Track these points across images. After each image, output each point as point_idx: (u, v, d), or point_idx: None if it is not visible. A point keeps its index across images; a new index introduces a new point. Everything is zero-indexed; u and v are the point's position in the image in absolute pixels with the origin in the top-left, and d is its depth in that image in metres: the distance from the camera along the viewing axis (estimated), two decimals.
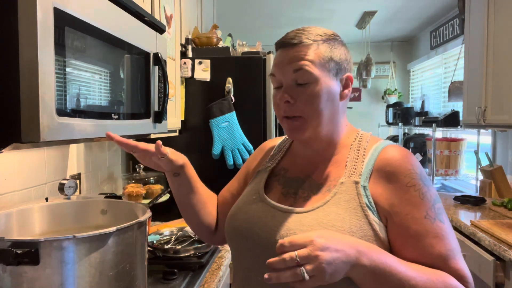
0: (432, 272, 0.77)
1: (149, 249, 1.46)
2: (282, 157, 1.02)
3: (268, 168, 0.99)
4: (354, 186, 0.84)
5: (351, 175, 0.86)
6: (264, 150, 1.08)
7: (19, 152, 1.33)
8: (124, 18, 1.11)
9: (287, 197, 0.91)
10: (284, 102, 0.87)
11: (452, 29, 4.03)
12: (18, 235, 1.06)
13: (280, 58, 0.89)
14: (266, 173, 0.99)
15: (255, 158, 1.09)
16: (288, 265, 0.68)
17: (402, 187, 0.82)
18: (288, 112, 0.87)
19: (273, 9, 3.98)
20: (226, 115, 2.19)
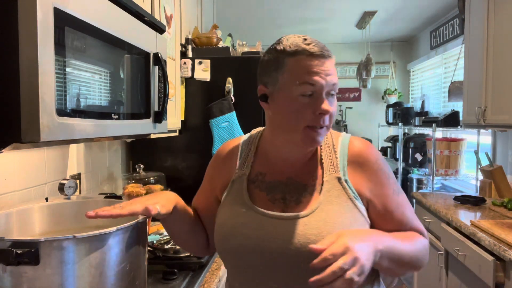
0: (409, 235, 0.92)
1: (149, 249, 1.46)
2: (253, 161, 0.99)
3: (244, 176, 0.96)
4: (338, 182, 0.91)
5: (331, 172, 0.92)
6: (223, 157, 1.03)
7: (19, 152, 1.33)
8: (124, 18, 1.11)
9: (275, 203, 0.92)
10: (324, 113, 0.86)
11: (452, 29, 4.03)
12: (18, 235, 1.06)
13: (320, 68, 0.86)
14: (243, 181, 0.96)
15: (216, 167, 1.04)
16: (338, 275, 0.71)
17: (374, 173, 0.93)
18: (326, 122, 0.88)
19: (273, 9, 3.98)
20: (226, 115, 2.19)
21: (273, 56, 0.90)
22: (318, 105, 0.86)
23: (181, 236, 1.05)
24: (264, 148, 0.99)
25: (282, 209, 0.90)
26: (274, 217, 0.89)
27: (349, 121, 5.67)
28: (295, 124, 0.87)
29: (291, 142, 0.91)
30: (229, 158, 1.02)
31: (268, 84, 0.91)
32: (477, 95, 2.74)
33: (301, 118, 0.87)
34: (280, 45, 0.90)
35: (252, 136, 1.04)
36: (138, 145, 2.30)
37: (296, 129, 0.88)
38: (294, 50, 0.87)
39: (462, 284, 2.21)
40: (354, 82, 5.49)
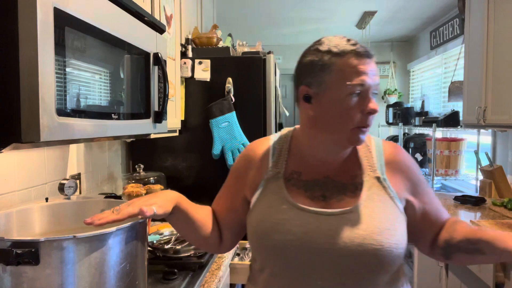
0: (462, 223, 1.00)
1: (149, 249, 1.46)
2: (287, 160, 0.99)
3: (279, 174, 0.97)
4: (377, 181, 0.94)
5: (369, 171, 0.95)
6: (254, 157, 1.03)
7: (19, 152, 1.33)
8: (124, 18, 1.11)
9: (315, 200, 0.92)
10: (373, 112, 0.88)
11: (452, 29, 4.03)
12: (18, 235, 1.06)
13: (367, 68, 0.88)
14: (279, 179, 0.96)
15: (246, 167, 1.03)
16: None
17: (412, 173, 0.99)
18: (370, 121, 0.90)
19: (273, 9, 3.98)
20: (226, 115, 2.19)
21: (317, 57, 0.90)
22: (366, 105, 0.88)
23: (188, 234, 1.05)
24: (298, 147, 1.00)
25: (322, 207, 0.91)
26: (319, 213, 0.89)
27: None
28: (343, 124, 0.89)
29: (335, 142, 0.92)
30: (260, 157, 1.02)
31: (313, 84, 0.90)
32: (477, 95, 2.74)
33: (349, 119, 0.88)
34: (324, 46, 0.90)
35: (283, 136, 1.04)
36: (138, 145, 2.30)
37: (344, 129, 0.89)
38: (342, 51, 0.88)
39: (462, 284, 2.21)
40: None
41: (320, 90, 0.89)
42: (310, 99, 0.92)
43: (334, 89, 0.88)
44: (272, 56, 2.24)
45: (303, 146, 0.99)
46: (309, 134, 0.97)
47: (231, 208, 1.05)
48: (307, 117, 0.95)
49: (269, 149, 1.02)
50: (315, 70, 0.90)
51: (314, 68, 0.90)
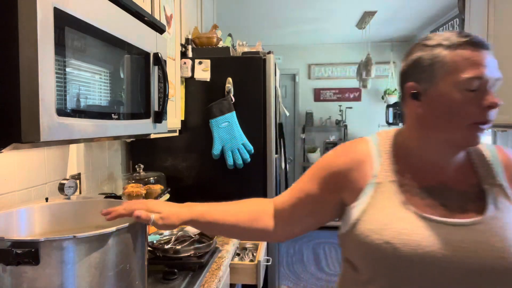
0: None
1: (149, 249, 1.46)
2: (394, 164, 0.91)
3: (389, 179, 0.89)
4: (500, 189, 0.87)
5: (489, 179, 0.88)
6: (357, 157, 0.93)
7: (19, 152, 1.33)
8: (124, 18, 1.11)
9: (436, 209, 0.84)
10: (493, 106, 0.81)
11: (452, 29, 4.02)
12: (18, 235, 1.06)
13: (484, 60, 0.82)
14: (392, 184, 0.88)
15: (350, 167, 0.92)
16: None
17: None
18: (492, 116, 0.83)
19: (273, 9, 3.98)
20: (226, 115, 2.19)
21: (425, 52, 0.85)
22: (484, 98, 0.81)
23: (223, 234, 1.06)
24: (405, 150, 0.92)
25: (445, 216, 0.83)
26: (446, 223, 0.81)
27: (349, 121, 5.67)
28: (457, 121, 0.82)
29: (448, 142, 0.85)
30: (364, 159, 0.92)
31: (421, 80, 0.85)
32: None
33: (465, 114, 0.81)
34: (432, 41, 0.85)
35: (384, 137, 0.97)
36: (138, 145, 2.30)
37: (458, 126, 0.82)
38: (453, 43, 0.82)
39: None
40: (354, 82, 5.50)
41: (430, 86, 0.84)
42: (418, 96, 0.86)
43: (446, 83, 0.82)
44: (272, 56, 2.24)
45: (412, 149, 0.91)
46: (418, 135, 0.89)
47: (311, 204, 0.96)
48: (415, 116, 0.88)
49: (372, 151, 0.94)
50: (423, 65, 0.84)
51: (422, 63, 0.85)
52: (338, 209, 0.95)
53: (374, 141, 0.96)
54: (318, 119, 5.75)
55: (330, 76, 5.73)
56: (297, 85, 5.77)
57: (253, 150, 2.21)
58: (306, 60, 5.70)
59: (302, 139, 5.78)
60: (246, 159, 2.20)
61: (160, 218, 0.94)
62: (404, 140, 0.93)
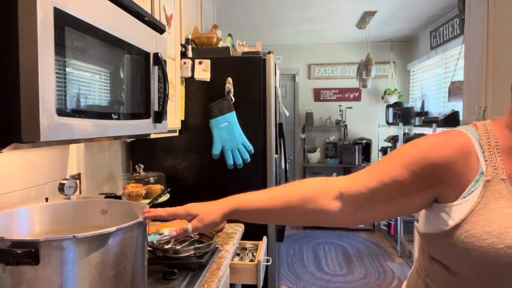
0: None
1: (149, 249, 1.46)
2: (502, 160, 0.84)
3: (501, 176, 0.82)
4: None
5: None
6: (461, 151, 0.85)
7: (19, 152, 1.33)
8: (124, 18, 1.11)
9: None
10: None
11: (452, 29, 4.02)
12: (18, 235, 1.06)
13: None
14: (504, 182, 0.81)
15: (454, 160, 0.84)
16: None
17: None
18: None
19: (273, 9, 3.98)
20: (226, 115, 2.19)
21: None
22: None
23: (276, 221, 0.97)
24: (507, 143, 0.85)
25: None
26: None
27: (349, 121, 5.67)
28: None
29: None
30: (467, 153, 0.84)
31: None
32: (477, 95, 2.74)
33: None
34: None
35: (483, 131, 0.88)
36: (138, 145, 2.30)
37: None
38: None
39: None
40: (354, 82, 5.50)
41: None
42: None
43: None
44: (272, 56, 2.24)
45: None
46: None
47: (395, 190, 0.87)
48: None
49: (474, 144, 0.86)
50: None
51: None
52: (426, 203, 0.87)
53: (473, 133, 0.88)
54: (318, 119, 5.75)
55: (330, 76, 5.73)
56: (297, 85, 5.77)
57: (253, 150, 2.21)
58: (306, 60, 5.70)
59: (302, 139, 5.78)
60: (246, 159, 2.20)
61: (198, 221, 0.94)
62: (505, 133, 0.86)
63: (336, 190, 0.91)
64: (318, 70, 5.73)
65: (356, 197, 0.89)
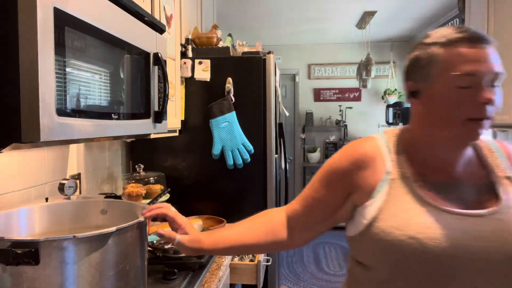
0: None
1: (149, 249, 1.46)
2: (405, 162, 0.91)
3: (404, 175, 0.89)
4: (509, 181, 0.89)
5: (498, 171, 0.90)
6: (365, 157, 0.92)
7: (19, 152, 1.33)
8: (124, 18, 1.11)
9: (452, 202, 0.85)
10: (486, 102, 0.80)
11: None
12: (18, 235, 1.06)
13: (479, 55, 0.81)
14: (407, 180, 0.88)
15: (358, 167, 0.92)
16: None
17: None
18: (489, 112, 0.81)
19: (273, 9, 3.98)
20: (226, 115, 2.19)
21: (423, 51, 0.87)
22: (478, 94, 0.80)
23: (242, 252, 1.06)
24: (412, 146, 0.93)
25: (463, 209, 0.84)
26: (465, 215, 0.82)
27: (349, 121, 5.67)
28: (454, 118, 0.82)
29: (451, 139, 0.86)
30: (373, 157, 0.92)
31: (419, 79, 0.87)
32: None
33: (460, 111, 0.81)
34: (429, 39, 0.88)
35: (391, 135, 0.97)
36: (138, 145, 2.30)
37: (455, 123, 0.82)
38: (447, 40, 0.83)
39: None
40: (354, 82, 5.50)
41: (427, 84, 0.85)
42: (417, 95, 0.88)
43: (441, 81, 0.83)
44: (272, 56, 2.24)
45: (420, 146, 0.92)
46: (423, 133, 0.90)
47: (323, 210, 0.96)
48: (417, 113, 0.90)
49: (381, 149, 0.94)
50: (421, 64, 0.87)
51: (419, 62, 0.87)
52: (351, 210, 0.94)
53: (382, 138, 0.96)
54: (318, 119, 5.75)
55: (330, 76, 5.73)
56: (297, 85, 5.77)
57: (253, 150, 2.21)
58: (306, 60, 5.70)
59: (302, 139, 5.78)
60: (246, 159, 2.20)
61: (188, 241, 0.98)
62: (412, 137, 0.94)
63: (285, 217, 1.02)
64: (318, 70, 5.73)
65: (297, 222, 1.00)
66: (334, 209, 0.95)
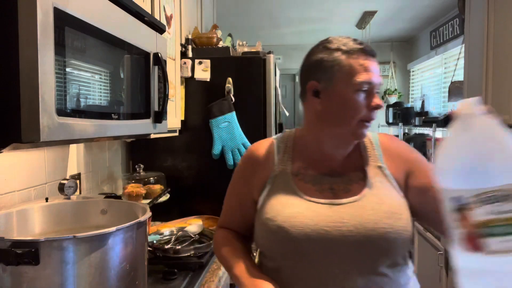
0: None
1: (149, 249, 1.46)
2: (292, 157, 1.03)
3: (287, 170, 1.00)
4: (379, 170, 0.99)
5: (371, 162, 1.01)
6: (258, 157, 1.06)
7: (19, 152, 1.33)
8: (124, 18, 1.11)
9: (324, 193, 0.96)
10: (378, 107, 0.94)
11: (452, 29, 4.02)
12: (18, 235, 1.06)
13: (373, 67, 0.96)
14: (287, 175, 0.99)
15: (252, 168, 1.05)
16: None
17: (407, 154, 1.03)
18: (375, 116, 0.96)
19: (273, 9, 3.98)
20: (226, 115, 2.19)
21: (327, 54, 0.96)
22: (372, 100, 0.94)
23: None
24: (303, 144, 1.04)
25: (331, 198, 0.95)
26: (328, 204, 0.93)
27: None
28: (349, 118, 0.94)
29: (340, 135, 0.98)
30: (265, 156, 1.05)
31: (322, 80, 0.96)
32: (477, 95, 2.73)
33: (355, 113, 0.93)
34: (333, 44, 0.97)
35: (285, 135, 1.09)
36: (138, 145, 2.30)
37: (349, 123, 0.94)
38: (351, 49, 0.95)
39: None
40: None
41: (329, 85, 0.95)
42: (318, 94, 0.97)
43: (343, 84, 0.93)
44: (272, 56, 2.24)
45: (309, 142, 1.03)
46: (315, 129, 1.01)
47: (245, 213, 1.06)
48: (314, 112, 0.99)
49: (273, 148, 1.05)
50: (324, 66, 0.95)
51: (323, 64, 0.96)
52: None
53: (277, 139, 1.08)
54: None
55: None
56: (297, 85, 5.76)
57: None
58: None
59: None
60: None
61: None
62: (303, 135, 1.05)
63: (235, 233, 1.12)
64: None
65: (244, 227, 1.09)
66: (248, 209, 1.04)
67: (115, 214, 1.18)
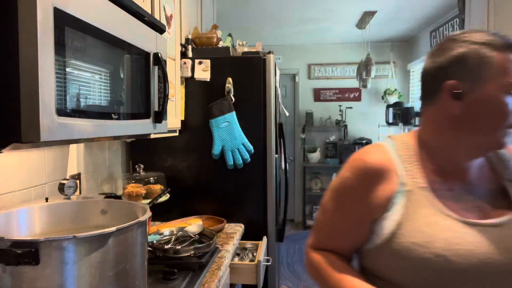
0: None
1: (149, 249, 1.46)
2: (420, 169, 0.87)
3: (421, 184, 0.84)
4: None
5: (507, 175, 0.89)
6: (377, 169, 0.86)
7: (19, 152, 1.33)
8: (124, 18, 1.11)
9: (470, 211, 0.82)
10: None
11: (452, 29, 4.02)
12: (18, 235, 1.06)
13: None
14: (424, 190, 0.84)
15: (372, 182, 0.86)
16: None
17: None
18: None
19: (273, 9, 3.98)
20: (226, 115, 2.19)
21: (471, 50, 0.80)
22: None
23: None
24: (428, 152, 0.88)
25: (481, 218, 0.81)
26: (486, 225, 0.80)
27: (349, 121, 5.67)
28: (497, 126, 0.80)
29: (481, 145, 0.84)
30: (385, 167, 0.86)
31: (467, 79, 0.80)
32: None
33: (505, 119, 0.80)
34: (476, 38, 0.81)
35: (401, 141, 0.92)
36: (138, 145, 2.30)
37: (495, 130, 0.81)
38: (501, 45, 0.79)
39: None
40: (354, 82, 5.49)
41: (476, 86, 0.80)
42: (460, 96, 0.81)
43: (494, 86, 0.79)
44: (272, 56, 2.24)
45: (436, 151, 0.88)
46: (447, 136, 0.86)
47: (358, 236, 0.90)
48: (448, 116, 0.84)
49: (391, 157, 0.88)
50: (470, 64, 0.80)
51: (468, 60, 0.80)
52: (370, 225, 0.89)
53: (391, 146, 0.91)
54: (318, 119, 5.75)
55: (330, 76, 5.73)
56: (297, 85, 5.77)
57: (253, 150, 2.21)
58: (306, 60, 5.70)
59: (302, 139, 5.78)
60: (246, 159, 2.20)
61: None
62: (427, 142, 0.89)
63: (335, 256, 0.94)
64: (318, 70, 5.73)
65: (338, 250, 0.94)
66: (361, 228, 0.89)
67: (115, 214, 1.17)
